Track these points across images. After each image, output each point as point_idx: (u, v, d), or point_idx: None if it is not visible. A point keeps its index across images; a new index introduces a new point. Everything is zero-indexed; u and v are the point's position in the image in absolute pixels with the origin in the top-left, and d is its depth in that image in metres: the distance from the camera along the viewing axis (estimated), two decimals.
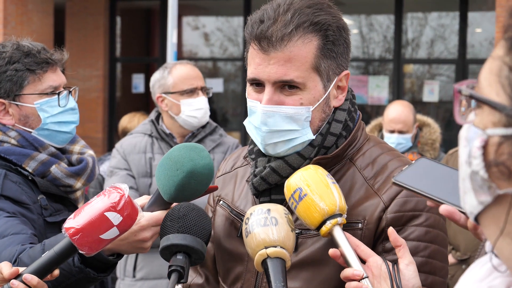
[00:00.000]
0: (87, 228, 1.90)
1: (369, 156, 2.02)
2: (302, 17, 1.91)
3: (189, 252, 1.90)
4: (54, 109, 2.78)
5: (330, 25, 1.93)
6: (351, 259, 1.78)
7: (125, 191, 1.93)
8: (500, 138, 0.99)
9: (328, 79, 1.96)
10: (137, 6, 16.95)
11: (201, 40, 16.19)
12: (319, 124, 1.98)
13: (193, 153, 2.00)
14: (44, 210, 2.67)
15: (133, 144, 4.30)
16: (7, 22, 12.74)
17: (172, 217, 1.94)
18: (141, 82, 15.50)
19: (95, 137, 14.97)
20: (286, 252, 1.80)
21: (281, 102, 1.93)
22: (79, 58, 14.87)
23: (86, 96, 15.00)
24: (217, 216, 2.20)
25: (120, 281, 4.44)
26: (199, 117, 4.24)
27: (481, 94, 1.03)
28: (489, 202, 1.03)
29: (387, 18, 14.75)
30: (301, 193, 1.82)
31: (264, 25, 1.91)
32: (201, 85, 4.28)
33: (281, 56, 1.90)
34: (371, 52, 14.94)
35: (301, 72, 1.91)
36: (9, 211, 2.54)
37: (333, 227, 1.81)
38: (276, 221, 1.81)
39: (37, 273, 1.96)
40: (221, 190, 2.22)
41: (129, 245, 2.15)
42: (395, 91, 13.89)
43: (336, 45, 1.95)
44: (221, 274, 2.18)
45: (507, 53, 1.00)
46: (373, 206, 1.93)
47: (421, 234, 1.91)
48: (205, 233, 1.94)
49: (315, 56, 1.92)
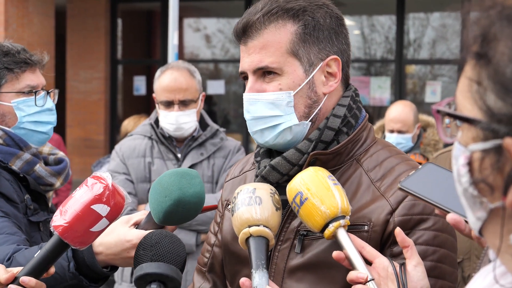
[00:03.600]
0: (75, 224, 1.87)
1: (377, 158, 2.01)
2: (273, 4, 1.97)
3: (164, 281, 1.86)
4: (30, 109, 2.82)
5: (306, 10, 1.97)
6: (356, 261, 1.75)
7: (108, 180, 1.89)
8: (481, 153, 1.01)
9: (310, 64, 1.97)
10: (138, 8, 16.94)
11: (202, 42, 16.18)
12: (306, 111, 1.99)
13: (184, 180, 2.00)
14: (29, 210, 2.71)
15: (133, 147, 4.26)
16: (8, 25, 12.72)
17: (145, 245, 1.91)
18: (143, 84, 15.47)
19: (96, 139, 14.96)
20: (269, 231, 1.81)
21: (262, 90, 1.98)
22: (80, 60, 14.86)
23: (88, 98, 14.99)
24: (225, 220, 2.19)
25: (118, 285, 4.42)
26: (172, 130, 4.17)
27: (459, 111, 1.05)
28: (485, 218, 1.04)
29: (389, 18, 14.72)
30: (301, 197, 1.81)
31: (241, 21, 2.00)
32: (178, 99, 4.12)
33: (256, 44, 1.97)
34: (373, 53, 14.91)
35: (276, 57, 1.95)
36: (3, 211, 2.56)
37: (336, 229, 1.78)
38: (261, 200, 1.83)
39: (32, 274, 1.93)
40: (229, 194, 2.21)
41: (123, 260, 2.15)
42: (397, 92, 13.87)
43: (316, 29, 1.98)
44: (229, 277, 2.17)
45: (473, 68, 1.03)
46: (379, 209, 1.91)
47: (430, 238, 1.89)
48: (179, 260, 1.90)
49: (290, 41, 1.96)
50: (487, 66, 1.01)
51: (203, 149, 4.22)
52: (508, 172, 0.98)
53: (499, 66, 0.99)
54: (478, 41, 1.03)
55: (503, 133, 0.98)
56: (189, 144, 4.23)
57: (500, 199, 1.00)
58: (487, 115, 1.00)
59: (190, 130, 4.18)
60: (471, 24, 1.05)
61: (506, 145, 0.97)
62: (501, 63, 0.99)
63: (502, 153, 0.99)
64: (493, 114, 0.99)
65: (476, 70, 1.03)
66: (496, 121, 0.99)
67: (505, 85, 0.98)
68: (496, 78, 0.99)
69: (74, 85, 15.01)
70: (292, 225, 2.00)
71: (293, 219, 2.00)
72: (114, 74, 15.35)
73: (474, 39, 1.04)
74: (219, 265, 2.22)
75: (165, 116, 4.15)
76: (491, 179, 1.01)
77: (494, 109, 0.99)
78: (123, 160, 4.22)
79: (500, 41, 1.00)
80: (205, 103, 5.28)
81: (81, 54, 14.82)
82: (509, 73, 0.98)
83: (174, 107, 4.13)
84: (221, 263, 2.21)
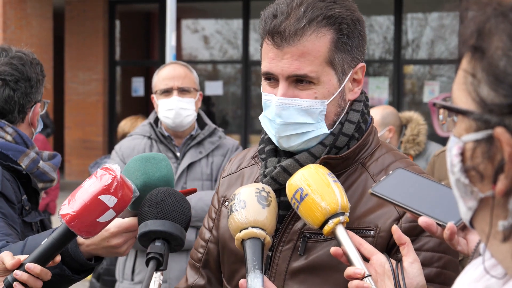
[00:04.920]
0: (82, 213, 1.87)
1: (382, 162, 2.00)
2: (315, 11, 1.89)
3: (168, 239, 1.86)
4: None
5: (344, 18, 1.92)
6: (353, 257, 1.76)
7: (117, 171, 1.89)
8: (473, 143, 1.06)
9: (343, 73, 1.94)
10: (136, 9, 16.95)
11: (200, 43, 16.20)
12: (334, 119, 1.97)
13: (149, 165, 1.99)
14: (24, 210, 2.73)
15: (132, 146, 4.28)
16: (6, 27, 12.73)
17: (150, 202, 1.91)
18: (141, 85, 15.49)
19: (95, 141, 14.98)
20: (259, 231, 1.81)
21: (295, 96, 1.92)
22: (78, 61, 14.88)
23: (86, 100, 15.00)
24: (222, 217, 2.18)
25: (119, 283, 4.43)
26: (171, 118, 4.15)
27: (454, 104, 1.10)
28: (476, 207, 1.08)
29: (387, 19, 14.74)
30: (302, 193, 1.81)
31: (277, 20, 1.90)
32: (177, 85, 4.17)
33: (294, 51, 1.89)
34: (371, 53, 14.92)
35: (314, 66, 1.90)
36: (2, 212, 2.59)
37: (335, 226, 1.79)
38: (245, 203, 1.83)
39: (38, 261, 1.94)
40: (226, 191, 2.20)
41: (105, 250, 2.17)
42: (395, 92, 13.89)
43: (350, 38, 1.93)
44: (226, 275, 2.16)
45: (469, 61, 1.08)
46: (386, 215, 1.91)
47: (435, 245, 1.89)
48: (184, 218, 1.90)
49: (328, 50, 1.90)
50: (482, 59, 1.05)
51: (202, 147, 4.23)
52: (498, 160, 1.03)
53: (493, 59, 1.04)
54: (474, 35, 1.08)
55: (494, 123, 1.02)
56: (188, 143, 4.25)
57: (490, 188, 1.04)
58: (480, 106, 1.04)
59: (188, 120, 4.19)
60: (468, 20, 1.09)
61: (497, 135, 1.01)
62: (495, 56, 1.04)
63: (493, 142, 1.03)
64: (486, 105, 1.04)
65: (471, 63, 1.08)
66: (488, 111, 1.03)
67: (498, 77, 1.03)
68: (489, 71, 1.04)
69: (73, 86, 15.02)
70: (295, 227, 1.99)
71: (297, 221, 1.99)
72: (112, 75, 15.36)
73: (471, 34, 1.08)
74: (214, 261, 2.21)
75: (163, 104, 4.17)
76: (482, 167, 1.05)
77: (486, 100, 1.03)
78: (123, 159, 4.23)
79: (495, 35, 1.05)
80: (203, 104, 5.29)
81: (79, 56, 14.83)
82: (502, 66, 1.03)
83: (173, 93, 4.16)
84: (217, 260, 2.20)
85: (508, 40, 1.03)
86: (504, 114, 1.02)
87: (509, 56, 1.02)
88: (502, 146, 1.01)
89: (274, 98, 1.93)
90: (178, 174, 4.16)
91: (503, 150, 1.01)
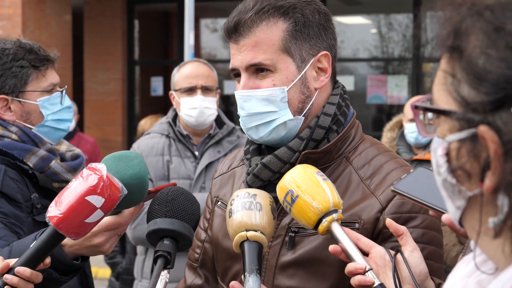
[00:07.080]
0: (70, 215, 1.86)
1: (365, 156, 2.05)
2: (263, 3, 2.01)
3: (176, 238, 1.89)
4: (54, 107, 2.86)
5: (297, 8, 2.00)
6: (353, 253, 1.76)
7: (103, 171, 1.88)
8: (458, 143, 1.07)
9: (302, 60, 2.01)
10: (155, 8, 16.99)
11: (219, 42, 16.21)
12: (299, 106, 2.02)
13: (121, 163, 1.99)
14: (35, 209, 2.70)
15: (151, 145, 4.28)
16: (25, 27, 12.79)
17: (160, 200, 1.93)
18: (160, 85, 15.52)
19: (114, 140, 15.02)
20: (265, 238, 1.83)
21: (256, 87, 2.01)
22: (97, 61, 14.92)
23: (105, 100, 15.05)
24: (215, 217, 2.23)
25: (138, 282, 4.44)
26: (194, 117, 4.17)
27: (436, 105, 1.11)
28: (464, 206, 1.09)
29: (406, 17, 14.68)
30: (292, 195, 1.82)
31: (232, 19, 2.03)
32: (201, 84, 4.19)
33: (249, 42, 2.00)
34: (390, 51, 14.87)
35: (268, 54, 1.99)
36: (2, 211, 2.56)
37: (330, 224, 1.79)
38: (261, 207, 1.85)
39: (28, 265, 1.94)
40: (218, 191, 2.26)
41: (88, 249, 2.18)
42: (415, 90, 13.82)
43: (307, 26, 2.01)
44: (219, 273, 2.21)
45: (448, 62, 1.10)
46: (370, 207, 1.95)
47: (418, 236, 1.93)
48: (193, 218, 1.93)
49: (282, 38, 1.99)
50: (461, 59, 1.07)
51: (220, 147, 4.23)
52: (484, 158, 1.03)
53: (471, 58, 1.05)
54: (451, 36, 1.09)
55: (477, 121, 1.03)
56: (206, 142, 4.25)
57: (477, 186, 1.05)
58: (462, 106, 1.06)
59: (211, 119, 4.22)
60: (443, 21, 1.11)
61: (480, 133, 1.02)
62: (473, 55, 1.05)
63: (478, 141, 1.04)
64: (468, 103, 1.05)
65: (450, 63, 1.10)
66: (471, 110, 1.04)
67: (477, 75, 1.04)
68: (469, 69, 1.05)
69: (92, 86, 15.07)
70: (283, 222, 2.03)
71: (284, 216, 2.03)
72: (131, 75, 15.40)
73: (447, 34, 1.10)
74: (210, 260, 2.25)
75: (186, 103, 4.17)
76: (468, 166, 1.06)
77: (468, 99, 1.05)
78: None
79: (471, 34, 1.06)
80: (222, 103, 5.29)
81: (98, 56, 14.88)
82: (481, 64, 1.03)
83: (197, 91, 4.18)
84: (213, 259, 2.24)
85: (485, 38, 1.03)
86: (486, 111, 1.02)
87: (487, 54, 1.02)
88: (487, 143, 1.02)
89: (236, 92, 2.03)
90: (197, 174, 4.16)
91: (488, 147, 1.02)
